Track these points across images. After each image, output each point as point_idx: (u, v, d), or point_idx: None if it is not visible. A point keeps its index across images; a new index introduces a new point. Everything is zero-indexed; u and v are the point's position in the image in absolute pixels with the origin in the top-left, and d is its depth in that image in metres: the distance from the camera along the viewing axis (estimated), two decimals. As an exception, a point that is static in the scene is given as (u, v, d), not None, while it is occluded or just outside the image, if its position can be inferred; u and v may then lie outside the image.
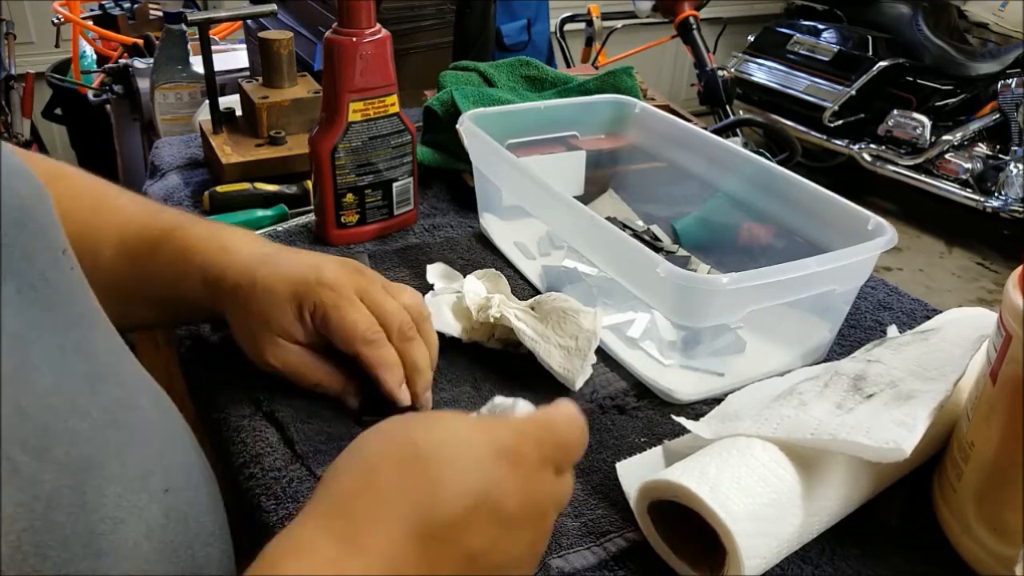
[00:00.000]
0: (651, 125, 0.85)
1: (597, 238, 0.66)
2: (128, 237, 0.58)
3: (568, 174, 0.86)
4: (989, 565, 0.47)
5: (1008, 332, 0.43)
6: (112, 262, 0.58)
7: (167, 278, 0.58)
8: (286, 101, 0.93)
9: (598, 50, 2.74)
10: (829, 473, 0.47)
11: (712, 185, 0.78)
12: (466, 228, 0.85)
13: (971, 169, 2.98)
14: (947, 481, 0.50)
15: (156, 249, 0.58)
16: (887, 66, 3.13)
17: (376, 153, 0.77)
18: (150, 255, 0.58)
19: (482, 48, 1.31)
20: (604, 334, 0.66)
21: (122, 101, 1.57)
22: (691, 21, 2.34)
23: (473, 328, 0.64)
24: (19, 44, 2.44)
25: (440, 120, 0.93)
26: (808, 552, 0.48)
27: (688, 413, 0.60)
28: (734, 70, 3.32)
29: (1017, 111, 2.86)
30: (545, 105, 0.87)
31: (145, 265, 0.58)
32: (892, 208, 3.39)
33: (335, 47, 0.72)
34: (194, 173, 0.96)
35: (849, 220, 0.64)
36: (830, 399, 0.50)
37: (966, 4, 3.49)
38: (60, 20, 1.85)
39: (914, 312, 0.73)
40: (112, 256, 0.58)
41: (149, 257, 0.58)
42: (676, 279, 0.55)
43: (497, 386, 0.62)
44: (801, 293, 0.60)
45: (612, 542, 0.49)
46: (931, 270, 3.11)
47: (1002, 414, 0.45)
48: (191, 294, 0.58)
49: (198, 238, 0.58)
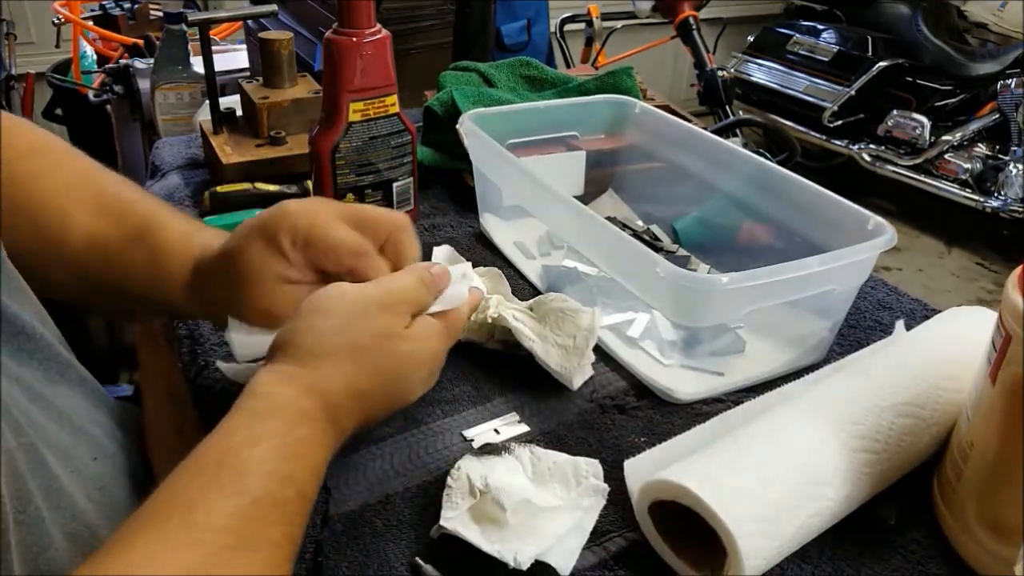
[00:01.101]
0: (651, 125, 0.85)
1: (597, 238, 0.66)
2: (101, 230, 0.57)
3: (568, 174, 0.86)
4: (989, 565, 0.47)
5: (1008, 332, 0.43)
6: (82, 252, 0.57)
7: (140, 278, 0.57)
8: (286, 101, 0.94)
9: (598, 50, 2.74)
10: (829, 473, 0.47)
11: (712, 185, 0.78)
12: (466, 228, 0.85)
13: (971, 169, 2.98)
14: (947, 481, 0.50)
15: (129, 248, 0.57)
16: (887, 66, 3.13)
17: (376, 153, 0.77)
18: (121, 253, 0.57)
19: (482, 48, 1.31)
20: (604, 334, 0.66)
21: (122, 101, 1.57)
22: (691, 21, 2.34)
23: (472, 328, 0.64)
24: (20, 44, 2.44)
25: (440, 120, 0.93)
26: (808, 552, 0.48)
27: (688, 412, 0.60)
28: (734, 70, 3.32)
29: (1016, 111, 2.86)
30: (545, 105, 0.87)
31: (116, 263, 0.57)
32: (892, 208, 3.39)
33: (335, 47, 0.72)
34: (194, 173, 0.96)
35: (849, 220, 0.64)
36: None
37: (966, 4, 3.49)
38: (60, 20, 1.85)
39: (914, 312, 0.73)
40: (82, 246, 0.57)
41: (121, 254, 0.57)
42: (676, 279, 0.55)
43: (497, 386, 0.62)
44: (801, 293, 0.60)
45: (612, 542, 0.49)
46: (931, 270, 3.11)
47: (1002, 414, 0.45)
48: (168, 295, 0.56)
49: (172, 240, 0.57)
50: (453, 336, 0.53)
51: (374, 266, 0.53)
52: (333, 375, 0.46)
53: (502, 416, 0.59)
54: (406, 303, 0.50)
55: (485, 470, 0.49)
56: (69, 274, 0.57)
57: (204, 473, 0.40)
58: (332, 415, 0.46)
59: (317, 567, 0.47)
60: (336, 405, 0.46)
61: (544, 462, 0.51)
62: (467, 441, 0.56)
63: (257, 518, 0.39)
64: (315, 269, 0.53)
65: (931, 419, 0.52)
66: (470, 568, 0.46)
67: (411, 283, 0.51)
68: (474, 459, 0.51)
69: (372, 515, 0.50)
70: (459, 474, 0.49)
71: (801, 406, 0.51)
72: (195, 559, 0.36)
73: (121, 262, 0.57)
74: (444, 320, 0.52)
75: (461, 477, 0.49)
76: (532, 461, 0.51)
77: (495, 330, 0.64)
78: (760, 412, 0.52)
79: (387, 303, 0.49)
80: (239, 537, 0.38)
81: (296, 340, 0.47)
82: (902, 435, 0.50)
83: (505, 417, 0.59)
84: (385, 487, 0.52)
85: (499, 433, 0.57)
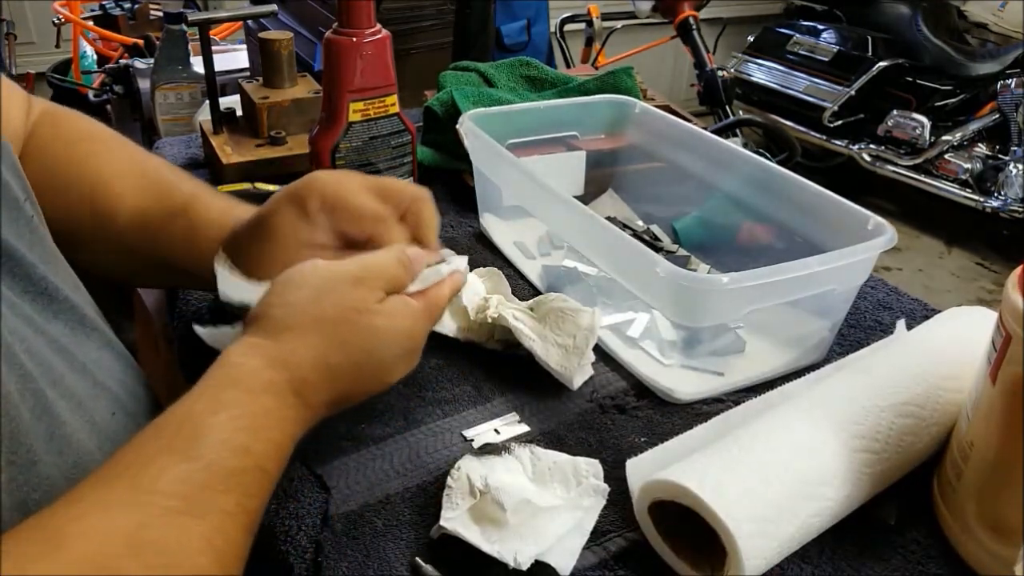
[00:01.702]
0: (651, 125, 0.85)
1: (597, 238, 0.66)
2: (146, 206, 0.61)
3: (568, 174, 0.86)
4: (989, 565, 0.47)
5: (1008, 332, 0.43)
6: (128, 226, 0.60)
7: (180, 251, 0.60)
8: (286, 101, 0.94)
9: (598, 50, 2.74)
10: (829, 473, 0.47)
11: (712, 185, 0.78)
12: (466, 228, 0.85)
13: (971, 169, 2.98)
14: (947, 481, 0.50)
15: (170, 222, 0.60)
16: (887, 66, 3.13)
17: (376, 153, 0.77)
18: (163, 227, 0.60)
19: (482, 48, 1.31)
20: (604, 334, 0.66)
21: (123, 101, 1.57)
22: (691, 21, 2.34)
23: (471, 328, 0.64)
24: (20, 44, 2.45)
25: (440, 120, 0.93)
26: (808, 552, 0.48)
27: (688, 413, 0.60)
28: (734, 70, 3.32)
29: (1016, 111, 2.86)
30: (545, 105, 0.87)
31: (159, 237, 0.60)
32: (892, 208, 3.39)
33: (335, 47, 0.72)
34: (195, 173, 0.95)
35: (849, 220, 0.64)
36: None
37: (966, 4, 3.49)
38: (61, 20, 1.86)
39: (914, 312, 0.74)
40: (129, 221, 0.60)
41: (162, 228, 0.60)
42: (676, 279, 0.55)
43: (497, 386, 0.62)
44: (801, 293, 0.60)
45: (612, 542, 0.49)
46: (931, 270, 3.11)
47: (1002, 414, 0.45)
48: (205, 265, 0.58)
49: (211, 214, 0.60)
50: (431, 315, 0.53)
51: (393, 233, 0.55)
52: (300, 348, 0.46)
53: (502, 416, 0.59)
54: (380, 279, 0.50)
55: (485, 470, 0.49)
56: (116, 249, 0.61)
57: (161, 437, 0.41)
58: (298, 389, 0.45)
59: (317, 567, 0.47)
60: (302, 379, 0.46)
61: (544, 462, 0.51)
62: (467, 441, 0.56)
63: (208, 485, 0.39)
64: (339, 236, 0.56)
65: (931, 419, 0.52)
66: (470, 568, 0.46)
67: (386, 260, 0.51)
68: (474, 459, 0.51)
69: (372, 515, 0.50)
70: (459, 474, 0.49)
71: (801, 406, 0.51)
72: (136, 520, 0.36)
73: (163, 236, 0.60)
74: (422, 299, 0.52)
75: (461, 477, 0.49)
76: (532, 461, 0.51)
77: (495, 330, 0.64)
78: (760, 412, 0.52)
79: (360, 277, 0.49)
80: (187, 502, 0.38)
81: (267, 312, 0.48)
82: (902, 435, 0.50)
83: (505, 417, 0.59)
84: (385, 487, 0.52)
85: (499, 433, 0.57)
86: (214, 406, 0.42)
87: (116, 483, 0.38)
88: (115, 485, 0.38)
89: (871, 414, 0.50)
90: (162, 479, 0.38)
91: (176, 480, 0.38)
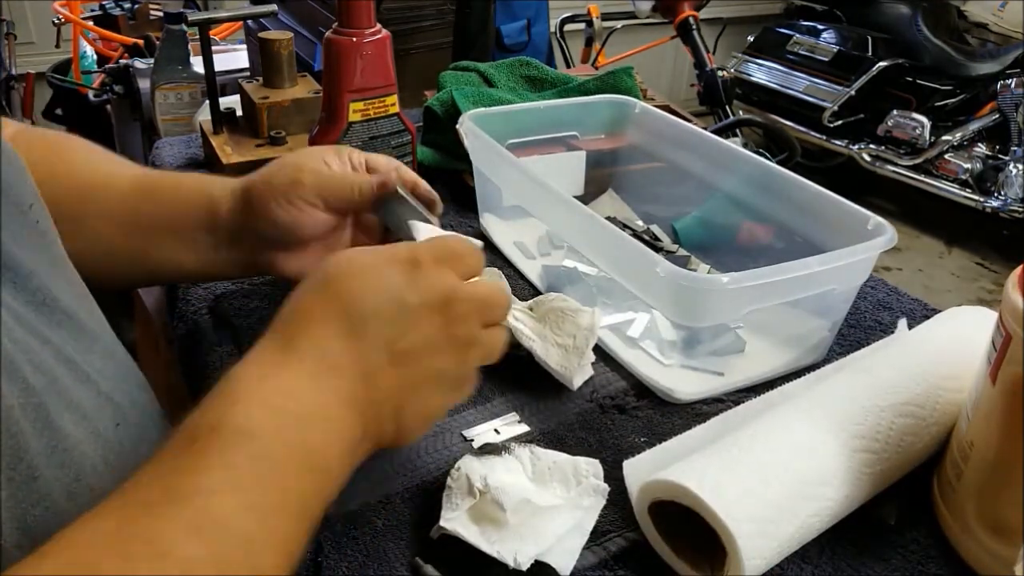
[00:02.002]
0: (651, 125, 0.85)
1: (597, 238, 0.66)
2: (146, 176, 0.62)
3: (568, 174, 0.86)
4: (989, 565, 0.47)
5: (1008, 332, 0.43)
6: (127, 194, 0.61)
7: (191, 205, 0.61)
8: (286, 101, 0.94)
9: (598, 50, 2.74)
10: (829, 473, 0.47)
11: (712, 185, 0.78)
12: (466, 228, 0.85)
13: (971, 169, 2.98)
14: (947, 481, 0.50)
15: (178, 183, 0.62)
16: (887, 66, 3.13)
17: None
18: (173, 188, 0.61)
19: (482, 48, 1.31)
20: (604, 334, 0.66)
21: (123, 101, 1.57)
22: (691, 21, 2.34)
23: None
24: (20, 44, 2.44)
25: (440, 120, 0.93)
26: (808, 552, 0.48)
27: (688, 413, 0.60)
28: (734, 70, 3.32)
29: (1016, 111, 2.86)
30: (545, 105, 0.87)
31: (163, 197, 0.61)
32: (892, 208, 3.39)
33: (335, 47, 0.72)
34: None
35: (849, 220, 0.64)
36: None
37: (966, 4, 3.49)
38: (61, 20, 1.86)
39: (914, 312, 0.74)
40: (128, 186, 0.61)
41: (172, 189, 0.61)
42: (676, 279, 0.55)
43: (497, 386, 0.62)
44: (801, 293, 0.60)
45: (612, 542, 0.49)
46: (931, 270, 3.11)
47: (1002, 414, 0.45)
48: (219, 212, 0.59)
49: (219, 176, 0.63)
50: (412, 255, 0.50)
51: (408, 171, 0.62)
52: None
53: (502, 416, 0.59)
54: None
55: (485, 470, 0.49)
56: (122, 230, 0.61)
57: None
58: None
59: (317, 567, 0.47)
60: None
61: (544, 462, 0.51)
62: (467, 441, 0.56)
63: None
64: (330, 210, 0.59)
65: (931, 419, 0.52)
66: (470, 568, 0.46)
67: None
68: (474, 459, 0.51)
69: (372, 515, 0.50)
70: (459, 474, 0.49)
71: (801, 406, 0.51)
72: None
73: (167, 196, 0.61)
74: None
75: (461, 477, 0.49)
76: (532, 461, 0.51)
77: (495, 330, 0.64)
78: (760, 412, 0.52)
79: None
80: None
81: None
82: (902, 435, 0.50)
83: (505, 417, 0.59)
84: (385, 487, 0.52)
85: (499, 433, 0.57)
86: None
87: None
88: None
89: (871, 414, 0.50)
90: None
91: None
